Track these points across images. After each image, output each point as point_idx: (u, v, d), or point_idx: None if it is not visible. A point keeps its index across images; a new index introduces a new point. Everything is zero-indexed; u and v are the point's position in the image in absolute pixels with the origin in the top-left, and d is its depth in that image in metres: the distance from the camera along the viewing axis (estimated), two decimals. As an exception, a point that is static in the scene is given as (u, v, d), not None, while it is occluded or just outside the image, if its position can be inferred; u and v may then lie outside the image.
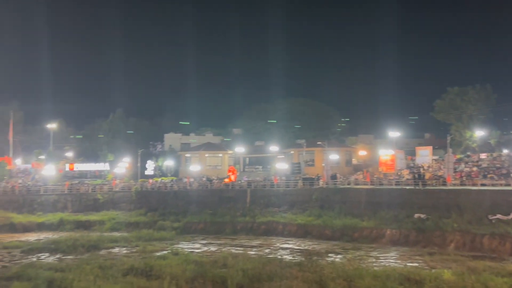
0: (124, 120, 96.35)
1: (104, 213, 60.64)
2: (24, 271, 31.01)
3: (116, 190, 64.44)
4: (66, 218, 59.31)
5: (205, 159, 77.83)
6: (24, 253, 41.15)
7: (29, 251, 41.55)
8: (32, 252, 41.07)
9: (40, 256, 39.59)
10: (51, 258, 38.63)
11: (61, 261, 36.39)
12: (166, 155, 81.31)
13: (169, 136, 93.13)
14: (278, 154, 76.10)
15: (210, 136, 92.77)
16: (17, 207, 61.97)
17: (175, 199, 60.50)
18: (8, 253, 41.72)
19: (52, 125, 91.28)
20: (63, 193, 64.00)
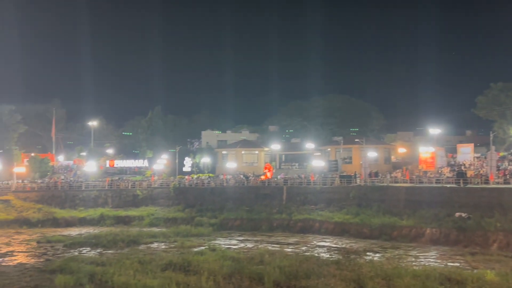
0: (162, 117, 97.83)
1: (143, 209, 61.73)
2: (66, 265, 32.02)
3: (155, 186, 65.46)
4: (107, 213, 60.75)
5: (241, 156, 78.14)
6: (66, 247, 42.46)
7: (71, 245, 42.88)
8: (74, 246, 42.36)
9: (82, 250, 40.81)
10: (92, 252, 39.75)
11: (102, 256, 37.44)
12: (203, 152, 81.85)
13: (206, 133, 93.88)
14: (314, 151, 75.63)
15: (247, 133, 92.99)
16: (60, 202, 63.77)
17: (212, 196, 61.01)
18: (51, 247, 43.17)
19: (93, 123, 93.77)
20: (103, 189, 65.50)
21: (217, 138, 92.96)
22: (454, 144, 74.45)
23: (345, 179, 56.66)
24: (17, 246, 44.19)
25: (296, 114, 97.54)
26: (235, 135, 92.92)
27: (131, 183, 66.59)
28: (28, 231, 54.78)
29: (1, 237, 49.95)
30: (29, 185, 67.17)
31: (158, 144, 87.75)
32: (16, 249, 42.45)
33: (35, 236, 49.94)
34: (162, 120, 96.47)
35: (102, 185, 66.44)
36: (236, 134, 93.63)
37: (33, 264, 34.99)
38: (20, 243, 46.07)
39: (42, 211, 60.58)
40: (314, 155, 74.81)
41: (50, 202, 63.47)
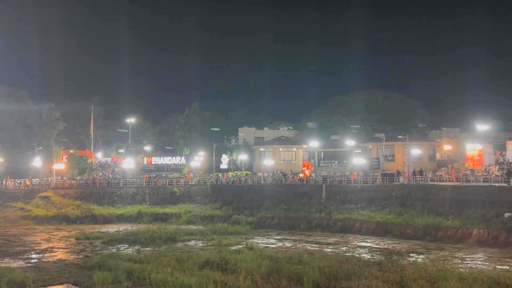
0: (199, 114, 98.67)
1: (181, 206, 62.73)
2: (105, 262, 32.78)
3: (192, 183, 66.31)
4: (144, 210, 62.05)
5: (279, 153, 78.09)
6: (104, 244, 43.52)
7: (109, 242, 43.93)
8: (112, 243, 43.38)
9: (120, 247, 41.69)
10: (130, 249, 40.50)
11: (139, 253, 38.11)
12: (240, 149, 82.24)
13: (243, 130, 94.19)
14: (355, 148, 74.76)
15: (284, 130, 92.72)
16: (98, 199, 65.49)
17: (249, 194, 61.36)
18: (90, 243, 44.34)
19: (130, 120, 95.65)
20: (141, 186, 66.83)
21: (254, 135, 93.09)
22: (503, 141, 71.96)
23: (388, 178, 55.84)
24: (57, 242, 45.62)
25: (335, 110, 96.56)
26: (272, 132, 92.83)
27: (168, 180, 67.64)
28: (67, 227, 56.51)
29: (41, 233, 51.75)
30: (68, 181, 69.22)
31: (195, 141, 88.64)
32: (56, 245, 43.83)
33: (74, 232, 51.44)
34: (199, 117, 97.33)
35: (140, 182, 67.78)
36: (274, 131, 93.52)
37: (72, 261, 35.98)
38: (59, 239, 47.54)
39: (81, 208, 62.35)
40: (355, 152, 73.94)
41: (88, 198, 65.22)
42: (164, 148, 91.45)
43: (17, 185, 68.10)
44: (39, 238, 48.00)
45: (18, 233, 51.46)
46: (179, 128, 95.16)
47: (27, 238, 48.02)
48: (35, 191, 65.91)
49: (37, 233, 51.45)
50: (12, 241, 45.95)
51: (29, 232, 52.04)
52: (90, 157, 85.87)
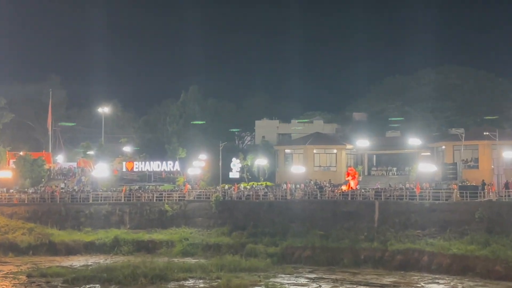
0: (200, 101, 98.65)
1: (174, 231, 62.77)
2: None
3: (190, 199, 66.26)
4: (123, 236, 62.19)
5: (312, 156, 77.65)
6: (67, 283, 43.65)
7: (74, 281, 44.01)
8: (78, 283, 43.46)
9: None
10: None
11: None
12: (258, 150, 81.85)
13: (261, 123, 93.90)
14: (421, 150, 74.10)
15: (320, 124, 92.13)
16: (58, 220, 65.85)
17: (271, 213, 61.16)
18: (46, 283, 44.46)
19: (104, 109, 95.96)
20: (118, 203, 67.03)
21: (277, 130, 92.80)
22: None
23: (469, 192, 55.25)
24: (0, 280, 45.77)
25: (394, 96, 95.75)
26: (303, 127, 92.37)
27: (157, 194, 67.72)
28: (15, 259, 56.85)
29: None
30: (16, 196, 69.70)
31: (193, 139, 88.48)
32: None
33: (25, 267, 51.68)
34: (199, 106, 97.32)
35: (117, 196, 68.02)
36: (306, 125, 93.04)
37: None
38: (4, 276, 47.69)
39: (34, 233, 62.63)
40: (421, 155, 73.28)
41: (45, 219, 65.65)
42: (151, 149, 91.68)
43: None
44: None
45: None
46: (171, 120, 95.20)
47: (-42, 274, 48.31)
48: (-31, 209, 66.59)
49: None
50: None
51: (-39, 267, 52.38)
52: (48, 161, 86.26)
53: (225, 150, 75.38)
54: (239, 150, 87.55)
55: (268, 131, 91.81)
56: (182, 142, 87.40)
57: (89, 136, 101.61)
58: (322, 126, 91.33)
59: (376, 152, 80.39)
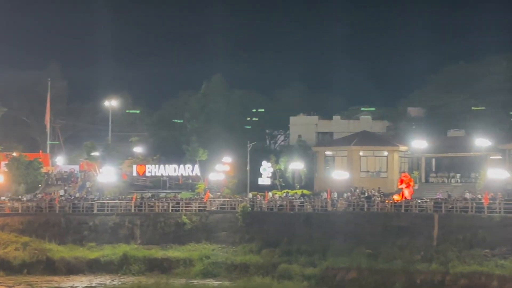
0: (224, 93, 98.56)
1: (193, 247, 62.59)
2: None
3: (212, 209, 66.07)
4: (133, 253, 62.13)
5: (358, 159, 77.02)
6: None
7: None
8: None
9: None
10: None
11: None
12: (293, 152, 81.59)
13: (297, 120, 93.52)
14: (490, 152, 73.10)
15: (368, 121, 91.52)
16: (58, 233, 65.87)
17: (308, 228, 60.91)
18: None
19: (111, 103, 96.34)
20: (128, 213, 67.00)
21: (316, 128, 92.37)
22: None
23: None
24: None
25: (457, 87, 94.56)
26: (348, 124, 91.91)
27: (173, 203, 67.61)
28: (6, 279, 57.12)
29: (-36, 288, 52.47)
30: (8, 204, 69.89)
31: (216, 139, 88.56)
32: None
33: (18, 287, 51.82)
34: (224, 98, 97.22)
35: (126, 205, 68.03)
36: (350, 122, 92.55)
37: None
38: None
39: (30, 248, 62.83)
40: (491, 159, 72.29)
41: (42, 232, 65.73)
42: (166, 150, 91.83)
43: None
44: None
45: None
46: (191, 116, 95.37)
47: None
48: (-48, 219, 67.07)
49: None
50: None
51: None
52: (46, 163, 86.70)
53: (254, 152, 75.20)
54: (270, 151, 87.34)
55: (306, 129, 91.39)
56: (203, 142, 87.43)
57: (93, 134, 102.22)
58: (370, 123, 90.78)
59: (436, 155, 79.37)
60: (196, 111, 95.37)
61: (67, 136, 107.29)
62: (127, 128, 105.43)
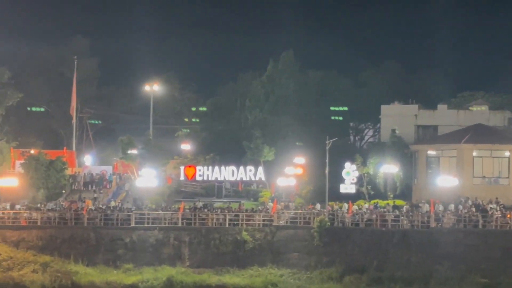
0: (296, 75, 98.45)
1: (256, 272, 62.99)
2: None
3: (280, 224, 66.29)
4: (180, 278, 62.65)
5: (471, 161, 76.45)
6: None
7: None
8: None
9: None
10: None
11: None
12: (385, 151, 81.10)
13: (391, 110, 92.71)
14: None
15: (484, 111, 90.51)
16: (86, 252, 66.79)
17: (405, 249, 61.10)
18: None
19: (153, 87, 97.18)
20: (174, 227, 67.59)
21: (414, 121, 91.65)
22: None
23: None
24: None
25: None
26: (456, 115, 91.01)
27: (231, 215, 67.94)
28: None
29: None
30: (25, 214, 71.05)
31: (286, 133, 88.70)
32: None
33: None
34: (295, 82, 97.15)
35: (172, 218, 68.51)
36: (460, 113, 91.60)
37: None
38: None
39: (51, 270, 63.94)
40: None
41: (66, 250, 66.75)
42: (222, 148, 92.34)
43: None
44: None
45: None
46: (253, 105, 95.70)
47: None
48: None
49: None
50: None
51: None
52: (71, 164, 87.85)
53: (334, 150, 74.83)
54: (355, 150, 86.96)
55: (402, 122, 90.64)
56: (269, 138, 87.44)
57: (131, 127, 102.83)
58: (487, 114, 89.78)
59: None
60: (260, 98, 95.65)
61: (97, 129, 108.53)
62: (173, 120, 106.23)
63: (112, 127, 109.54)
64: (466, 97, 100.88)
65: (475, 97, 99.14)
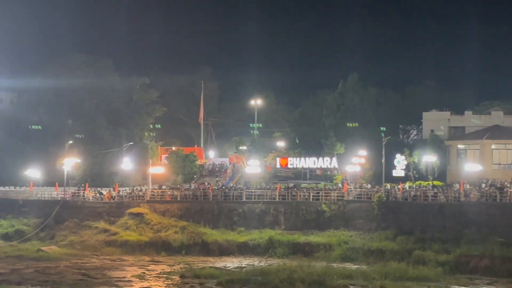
0: (360, 91, 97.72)
1: (332, 233, 62.61)
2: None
3: (349, 199, 65.84)
4: (278, 237, 62.82)
5: (490, 152, 74.85)
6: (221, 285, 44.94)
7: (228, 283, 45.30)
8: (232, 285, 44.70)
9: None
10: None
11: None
12: (426, 146, 79.93)
13: (430, 115, 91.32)
14: None
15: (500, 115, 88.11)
16: (211, 219, 67.51)
17: (441, 217, 59.79)
18: (200, 284, 45.99)
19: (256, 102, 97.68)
20: (272, 201, 67.67)
21: (448, 123, 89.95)
22: None
23: None
24: (154, 281, 47.93)
25: None
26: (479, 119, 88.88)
27: (314, 193, 67.83)
28: (167, 259, 59.21)
29: (132, 266, 54.80)
30: (169, 192, 72.18)
31: (352, 134, 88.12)
32: (153, 285, 45.96)
33: (178, 267, 53.75)
34: (359, 96, 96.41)
35: (271, 195, 68.75)
36: (482, 117, 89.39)
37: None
38: (157, 276, 49.93)
39: (187, 231, 64.87)
40: None
41: (197, 218, 67.56)
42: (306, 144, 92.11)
43: (99, 197, 72.59)
44: (129, 273, 50.82)
45: (100, 265, 54.93)
46: (328, 113, 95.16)
47: (112, 273, 51.13)
48: (123, 205, 69.85)
49: (127, 267, 54.50)
50: (93, 276, 49.18)
51: (115, 265, 55.29)
52: (200, 157, 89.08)
53: (388, 146, 74.13)
54: (404, 145, 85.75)
55: (438, 124, 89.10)
56: (340, 137, 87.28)
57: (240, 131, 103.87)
58: (502, 118, 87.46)
59: None
60: (333, 108, 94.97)
61: (218, 132, 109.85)
62: (271, 125, 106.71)
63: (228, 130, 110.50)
64: (486, 105, 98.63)
65: (493, 105, 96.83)
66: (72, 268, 53.07)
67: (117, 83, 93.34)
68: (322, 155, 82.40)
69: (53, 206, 70.14)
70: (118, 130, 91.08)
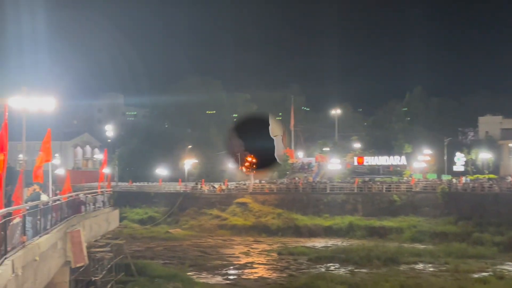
0: (424, 100, 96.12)
1: (402, 219, 61.61)
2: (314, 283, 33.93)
3: (416, 190, 64.68)
4: (356, 222, 62.37)
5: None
6: (311, 261, 45.17)
7: (316, 259, 45.45)
8: (320, 261, 44.76)
9: (329, 266, 42.91)
10: (341, 269, 41.46)
11: (353, 275, 38.89)
12: (481, 145, 78.02)
13: (485, 119, 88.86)
14: None
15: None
16: (301, 207, 67.49)
17: (496, 205, 57.94)
18: (294, 260, 46.41)
19: (336, 111, 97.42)
20: (351, 192, 67.22)
21: (500, 126, 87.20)
22: None
23: None
24: (257, 256, 48.67)
25: None
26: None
27: (386, 185, 67.01)
28: (267, 239, 59.76)
29: (239, 245, 55.66)
30: (267, 186, 72.96)
31: (418, 136, 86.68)
32: (256, 260, 46.75)
33: (275, 246, 54.21)
34: (423, 104, 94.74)
35: (350, 187, 68.35)
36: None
37: (275, 280, 38.13)
38: (259, 253, 50.65)
39: (282, 217, 65.20)
40: None
41: (290, 206, 67.77)
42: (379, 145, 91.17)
43: (212, 190, 74.15)
44: (237, 251, 51.76)
45: (214, 244, 56.17)
46: (397, 119, 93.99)
47: (224, 250, 52.18)
48: (231, 196, 70.95)
49: (235, 245, 55.52)
50: (209, 253, 50.35)
51: (226, 244, 56.41)
52: (291, 157, 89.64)
53: (449, 145, 72.97)
54: (463, 145, 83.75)
55: (491, 127, 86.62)
56: (408, 139, 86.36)
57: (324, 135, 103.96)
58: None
59: None
60: (401, 115, 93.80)
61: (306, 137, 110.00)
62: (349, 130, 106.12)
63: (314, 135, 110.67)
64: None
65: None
66: (192, 247, 54.44)
67: (224, 99, 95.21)
68: (392, 154, 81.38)
69: (177, 197, 71.82)
70: (225, 136, 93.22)
